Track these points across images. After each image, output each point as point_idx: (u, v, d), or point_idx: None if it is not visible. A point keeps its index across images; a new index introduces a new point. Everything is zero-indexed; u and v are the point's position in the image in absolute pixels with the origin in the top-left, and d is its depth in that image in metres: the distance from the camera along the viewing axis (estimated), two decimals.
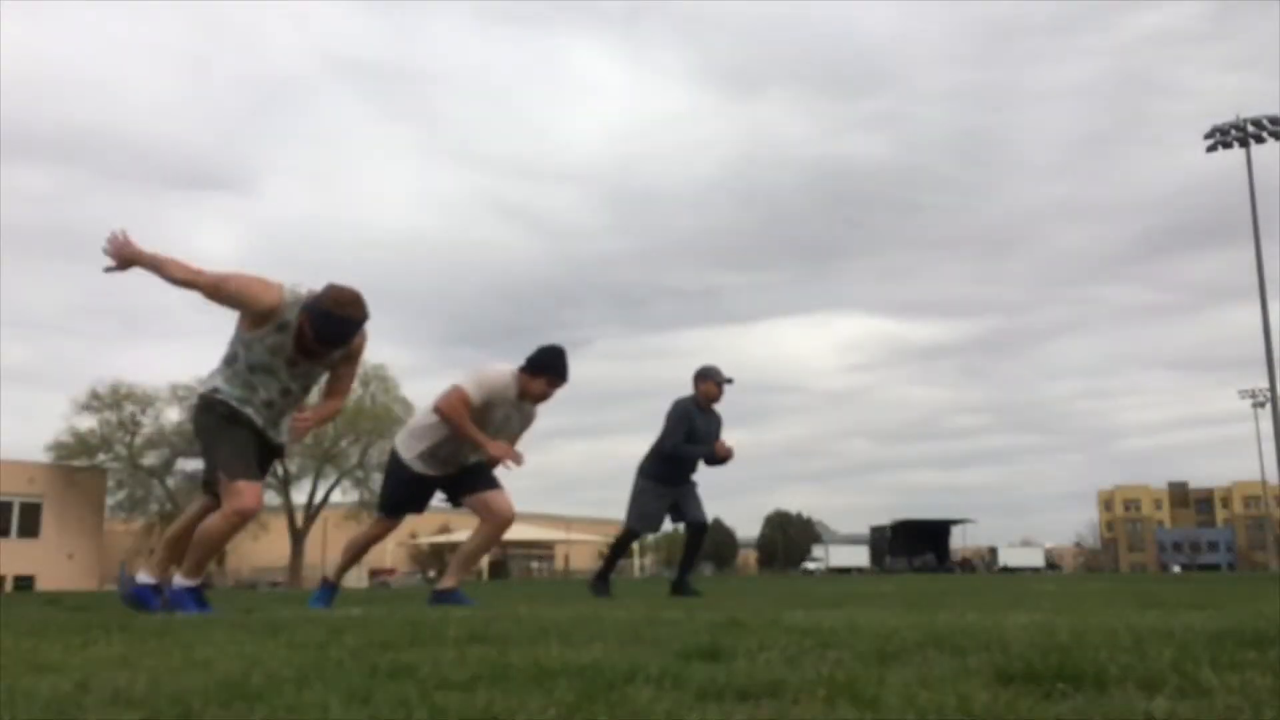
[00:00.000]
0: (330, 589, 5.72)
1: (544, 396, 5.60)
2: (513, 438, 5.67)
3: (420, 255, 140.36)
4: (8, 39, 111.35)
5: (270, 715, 1.26)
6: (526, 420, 5.74)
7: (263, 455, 4.55)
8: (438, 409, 5.39)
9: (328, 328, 4.32)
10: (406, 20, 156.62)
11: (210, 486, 4.53)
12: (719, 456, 7.23)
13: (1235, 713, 1.18)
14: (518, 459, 5.46)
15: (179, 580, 4.46)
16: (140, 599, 4.58)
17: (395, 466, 5.66)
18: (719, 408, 7.45)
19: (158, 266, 4.53)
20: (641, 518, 7.18)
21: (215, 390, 4.46)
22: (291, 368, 4.50)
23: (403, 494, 5.66)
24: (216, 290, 4.43)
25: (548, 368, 5.55)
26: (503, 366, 5.57)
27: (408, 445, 5.60)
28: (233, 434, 4.41)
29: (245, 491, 4.29)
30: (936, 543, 71.13)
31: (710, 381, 7.36)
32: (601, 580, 7.39)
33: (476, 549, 5.93)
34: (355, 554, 5.79)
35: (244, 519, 4.33)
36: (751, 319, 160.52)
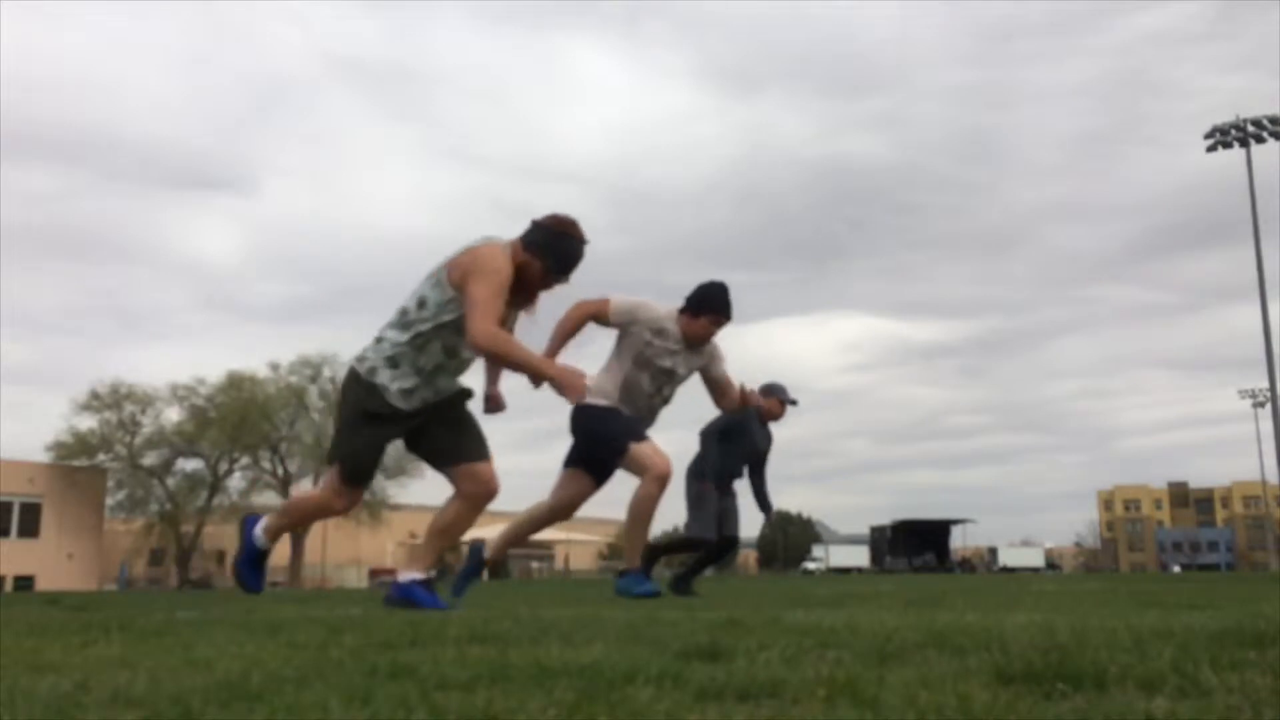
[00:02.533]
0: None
1: (707, 338, 5.26)
2: (689, 370, 5.36)
3: (420, 255, 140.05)
4: (8, 39, 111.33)
5: (270, 715, 1.25)
6: (691, 368, 5.41)
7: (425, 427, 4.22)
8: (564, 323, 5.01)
9: (575, 255, 4.19)
10: (406, 20, 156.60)
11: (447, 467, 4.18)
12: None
13: (1235, 713, 1.18)
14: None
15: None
16: (410, 597, 4.28)
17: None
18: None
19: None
20: (706, 526, 6.99)
21: (374, 372, 4.11)
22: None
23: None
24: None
25: (708, 305, 5.21)
26: (663, 303, 5.21)
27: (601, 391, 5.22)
28: (368, 434, 4.18)
29: (343, 493, 4.20)
30: (936, 543, 71.12)
31: (775, 399, 7.24)
32: (684, 581, 7.25)
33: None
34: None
35: (330, 514, 4.29)
36: (751, 319, 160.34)
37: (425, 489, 70.84)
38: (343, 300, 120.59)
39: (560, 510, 5.54)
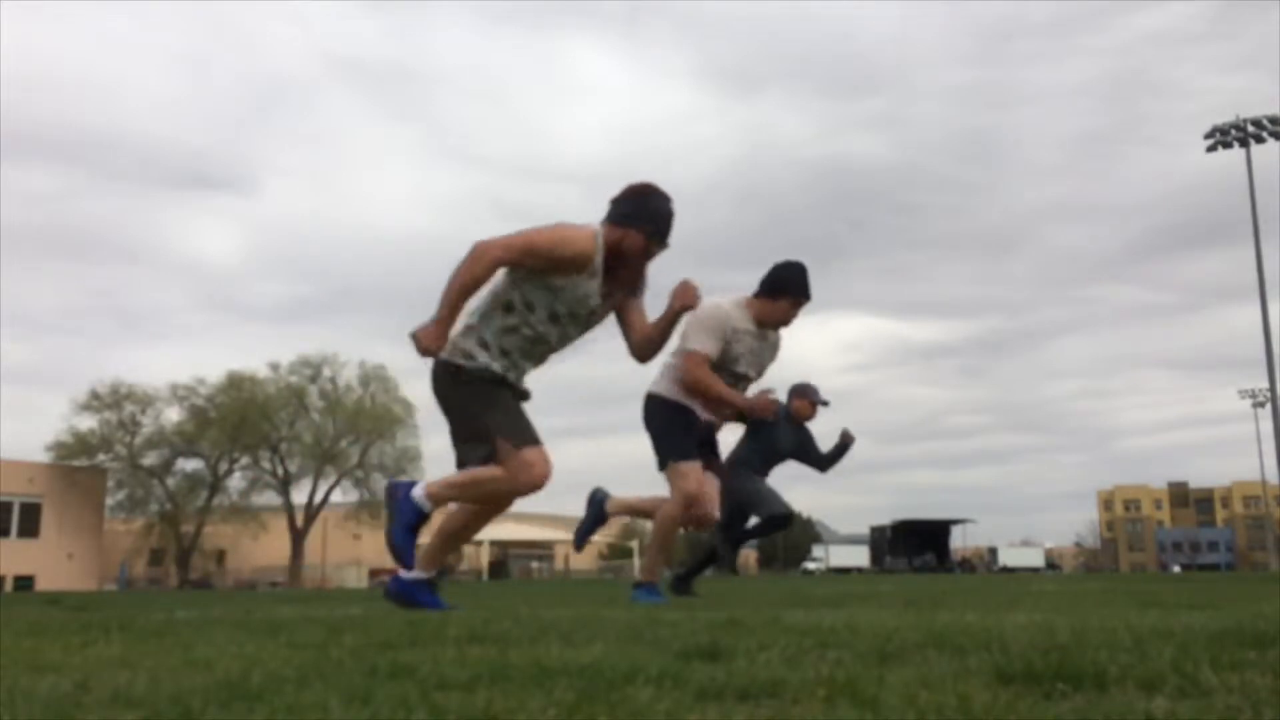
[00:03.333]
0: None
1: (787, 320, 5.08)
2: (761, 370, 5.22)
3: (420, 255, 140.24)
4: (8, 39, 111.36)
5: (270, 715, 1.25)
6: (774, 349, 5.24)
7: None
8: (686, 383, 4.90)
9: (668, 214, 3.93)
10: (406, 20, 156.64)
11: (480, 459, 3.92)
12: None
13: (1235, 713, 1.18)
14: (770, 409, 4.90)
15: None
16: (407, 595, 4.17)
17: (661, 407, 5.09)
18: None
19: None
20: (769, 502, 6.87)
21: (470, 357, 3.91)
22: (585, 318, 3.97)
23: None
24: (522, 262, 3.83)
25: (788, 287, 5.04)
26: (717, 299, 5.00)
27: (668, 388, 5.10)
28: (500, 397, 3.91)
29: (537, 460, 3.83)
30: (936, 543, 71.09)
31: (805, 400, 7.20)
32: (723, 562, 7.25)
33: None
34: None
35: (536, 490, 3.88)
36: None
37: None
38: (343, 300, 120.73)
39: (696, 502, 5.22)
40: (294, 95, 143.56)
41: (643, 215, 3.89)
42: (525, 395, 4.06)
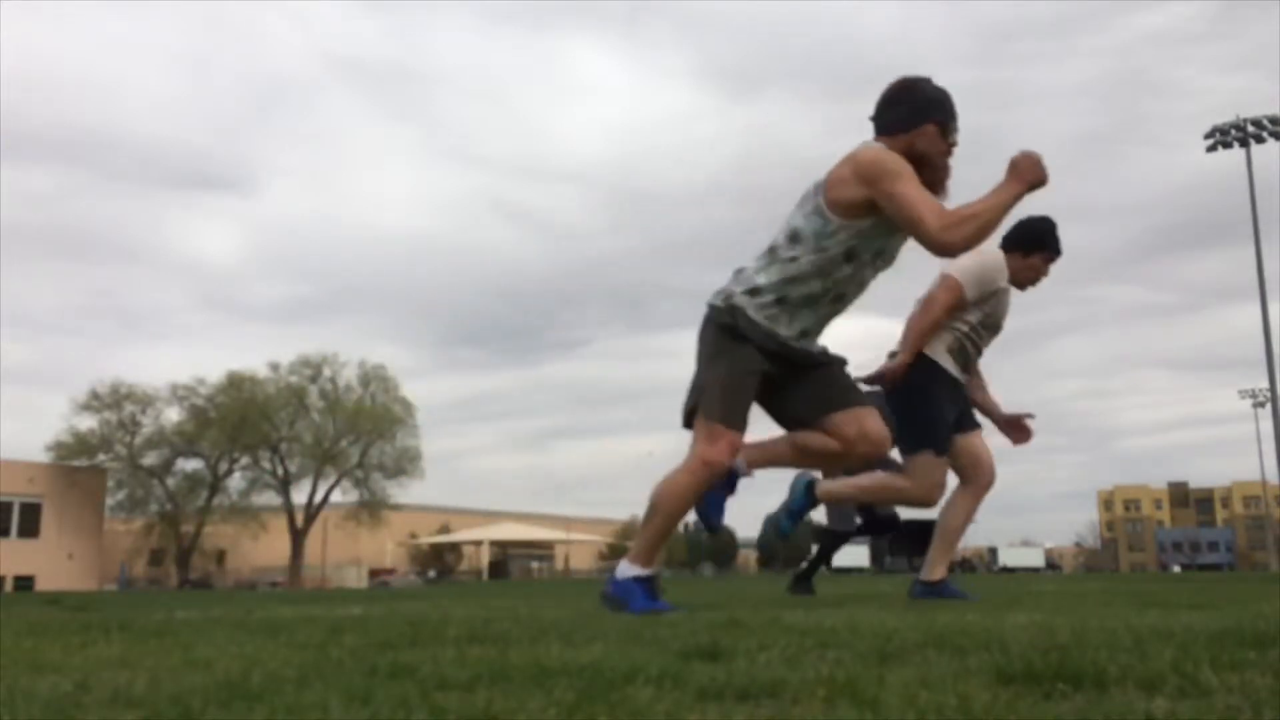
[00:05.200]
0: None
1: (1038, 278, 4.74)
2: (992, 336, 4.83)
3: (420, 255, 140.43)
4: (8, 39, 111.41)
5: (270, 715, 1.25)
6: (1006, 311, 4.84)
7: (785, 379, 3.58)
8: (932, 310, 4.41)
9: (949, 97, 3.55)
10: (406, 20, 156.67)
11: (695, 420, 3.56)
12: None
13: (1235, 713, 1.18)
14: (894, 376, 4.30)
15: (626, 568, 3.63)
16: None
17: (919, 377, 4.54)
18: None
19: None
20: (842, 517, 6.82)
21: (731, 297, 3.52)
22: (879, 255, 3.55)
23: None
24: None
25: (1045, 240, 4.69)
26: (989, 245, 4.55)
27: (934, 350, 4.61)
28: (739, 363, 3.50)
29: (721, 439, 3.45)
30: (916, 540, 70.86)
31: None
32: (804, 579, 7.08)
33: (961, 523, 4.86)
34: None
35: (711, 473, 3.48)
36: None
37: (425, 489, 70.88)
38: (343, 300, 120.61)
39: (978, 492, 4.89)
40: (294, 95, 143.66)
41: (926, 107, 3.50)
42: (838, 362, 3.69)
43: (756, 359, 3.50)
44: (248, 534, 49.80)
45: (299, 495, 48.89)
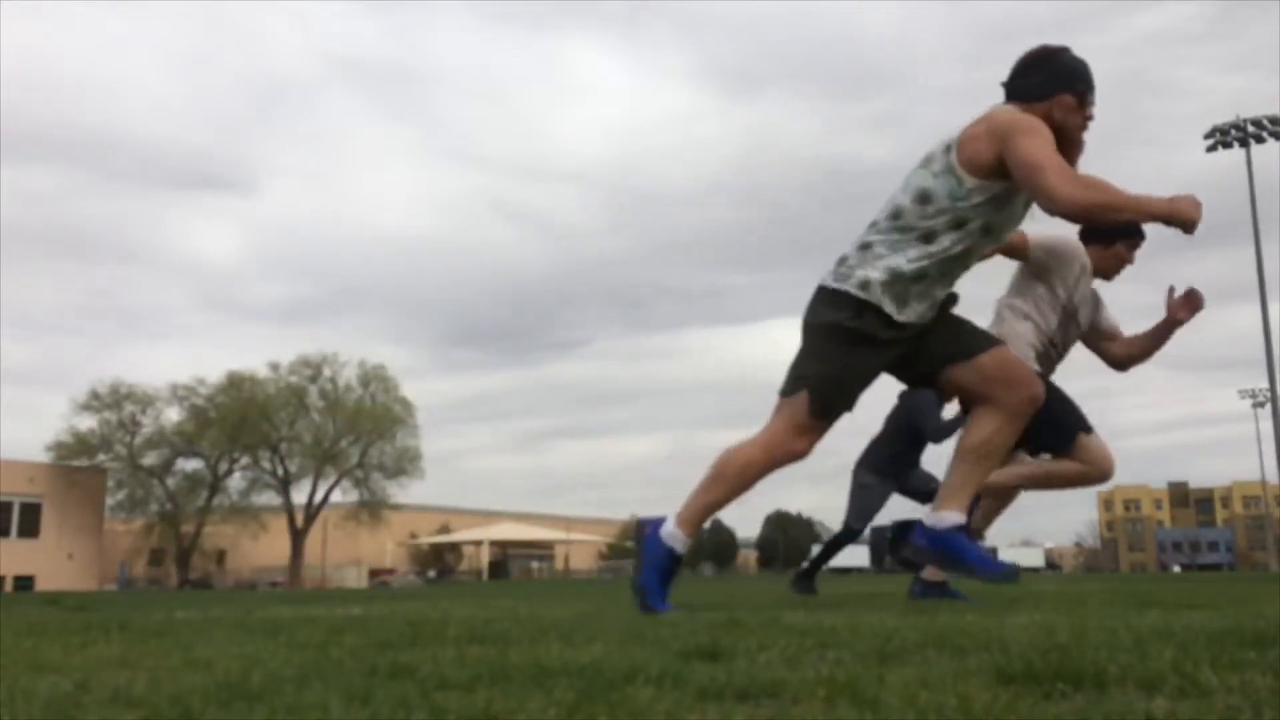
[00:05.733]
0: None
1: (1120, 268, 4.47)
2: (1076, 337, 4.51)
3: (420, 255, 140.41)
4: (8, 39, 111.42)
5: (270, 715, 1.25)
6: (1089, 317, 4.53)
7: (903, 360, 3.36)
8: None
9: (1087, 64, 3.36)
10: (406, 20, 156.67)
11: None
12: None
13: (1235, 713, 1.18)
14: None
15: (672, 528, 3.40)
16: (954, 551, 3.35)
17: None
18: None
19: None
20: (861, 514, 6.74)
21: (866, 286, 3.26)
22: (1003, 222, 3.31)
23: None
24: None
25: (1125, 227, 4.40)
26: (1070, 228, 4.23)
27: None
28: (856, 368, 3.30)
29: (810, 435, 3.29)
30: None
31: None
32: (807, 578, 7.02)
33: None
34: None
35: (789, 463, 3.33)
36: (752, 319, 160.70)
37: (425, 489, 70.89)
38: (343, 300, 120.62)
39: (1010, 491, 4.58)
40: (294, 95, 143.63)
41: (1065, 75, 3.32)
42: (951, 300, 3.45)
43: (877, 362, 3.32)
44: (248, 534, 49.81)
45: (299, 495, 48.94)
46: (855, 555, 76.72)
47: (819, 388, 3.27)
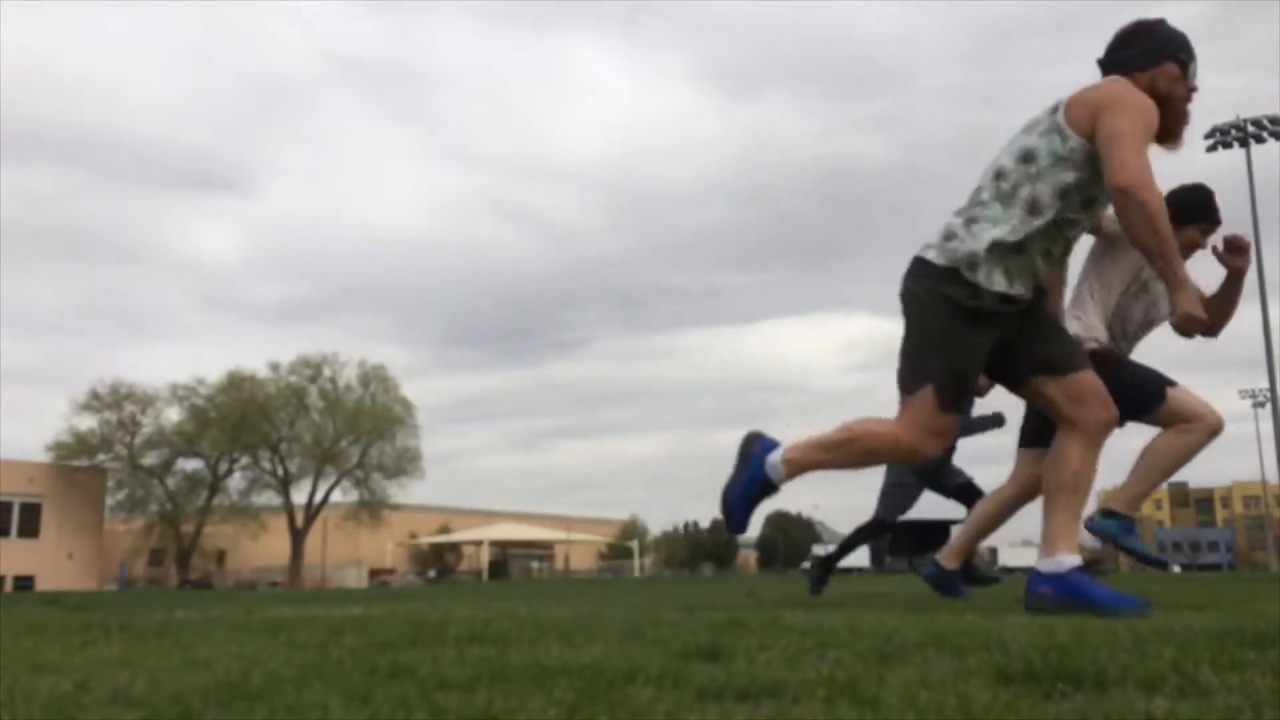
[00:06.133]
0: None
1: (1192, 250, 4.28)
2: (1154, 315, 4.32)
3: (420, 255, 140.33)
4: (8, 39, 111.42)
5: (270, 715, 1.25)
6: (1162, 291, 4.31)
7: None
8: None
9: (1185, 35, 3.28)
10: (407, 20, 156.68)
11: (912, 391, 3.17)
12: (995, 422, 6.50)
13: (1235, 713, 1.18)
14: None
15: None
16: (1084, 595, 3.15)
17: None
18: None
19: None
20: (893, 509, 6.72)
21: (973, 260, 3.10)
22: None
23: None
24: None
25: (1199, 210, 4.29)
26: None
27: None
28: (970, 341, 3.13)
29: (946, 432, 3.15)
30: (937, 543, 70.95)
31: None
32: (823, 573, 6.93)
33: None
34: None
35: (920, 459, 3.21)
36: (751, 319, 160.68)
37: (425, 489, 70.89)
38: (343, 300, 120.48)
39: (1028, 493, 4.46)
40: (294, 95, 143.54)
41: (1167, 45, 3.24)
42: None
43: (990, 339, 3.18)
44: (248, 534, 49.78)
45: (299, 495, 48.90)
46: (855, 555, 76.78)
47: (945, 383, 3.12)
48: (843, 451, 3.22)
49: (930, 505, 7.12)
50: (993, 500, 4.61)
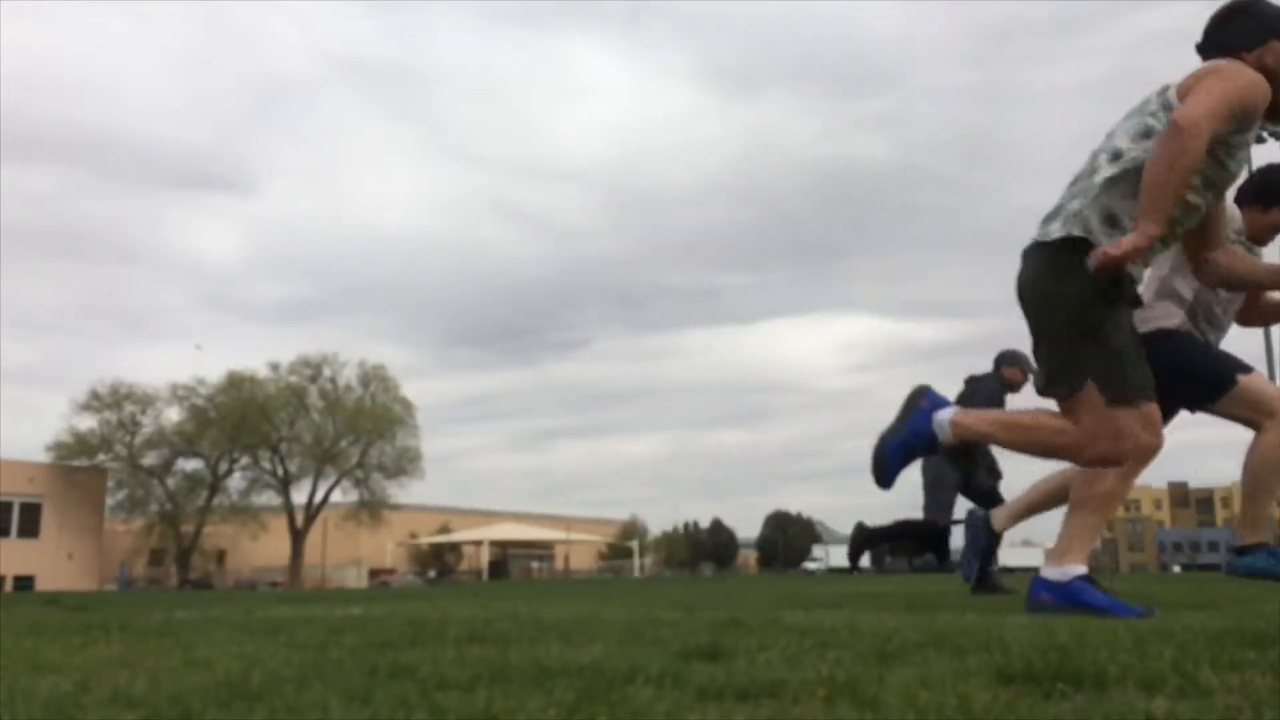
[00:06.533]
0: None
1: (1275, 234, 4.16)
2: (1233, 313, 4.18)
3: (420, 255, 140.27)
4: (8, 39, 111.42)
5: (270, 715, 1.25)
6: None
7: None
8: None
9: None
10: (407, 20, 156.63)
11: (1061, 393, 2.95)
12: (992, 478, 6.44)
13: (1235, 713, 1.18)
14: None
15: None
16: (1083, 601, 3.11)
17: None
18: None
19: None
20: (944, 508, 6.66)
21: (1094, 235, 2.94)
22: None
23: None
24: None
25: None
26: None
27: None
28: (1116, 322, 2.91)
29: (1131, 431, 2.88)
30: (937, 543, 70.93)
31: (1018, 368, 6.82)
32: (986, 576, 6.87)
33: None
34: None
35: (1153, 459, 2.98)
36: (751, 319, 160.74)
37: (425, 489, 70.88)
38: (343, 300, 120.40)
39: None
40: (294, 95, 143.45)
41: (1271, 23, 3.12)
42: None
43: (1130, 317, 3.00)
44: (248, 534, 49.78)
45: (299, 495, 48.90)
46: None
47: (1130, 374, 2.90)
48: (1022, 437, 3.02)
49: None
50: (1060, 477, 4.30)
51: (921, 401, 3.16)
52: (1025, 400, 6.43)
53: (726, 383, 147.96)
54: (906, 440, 3.14)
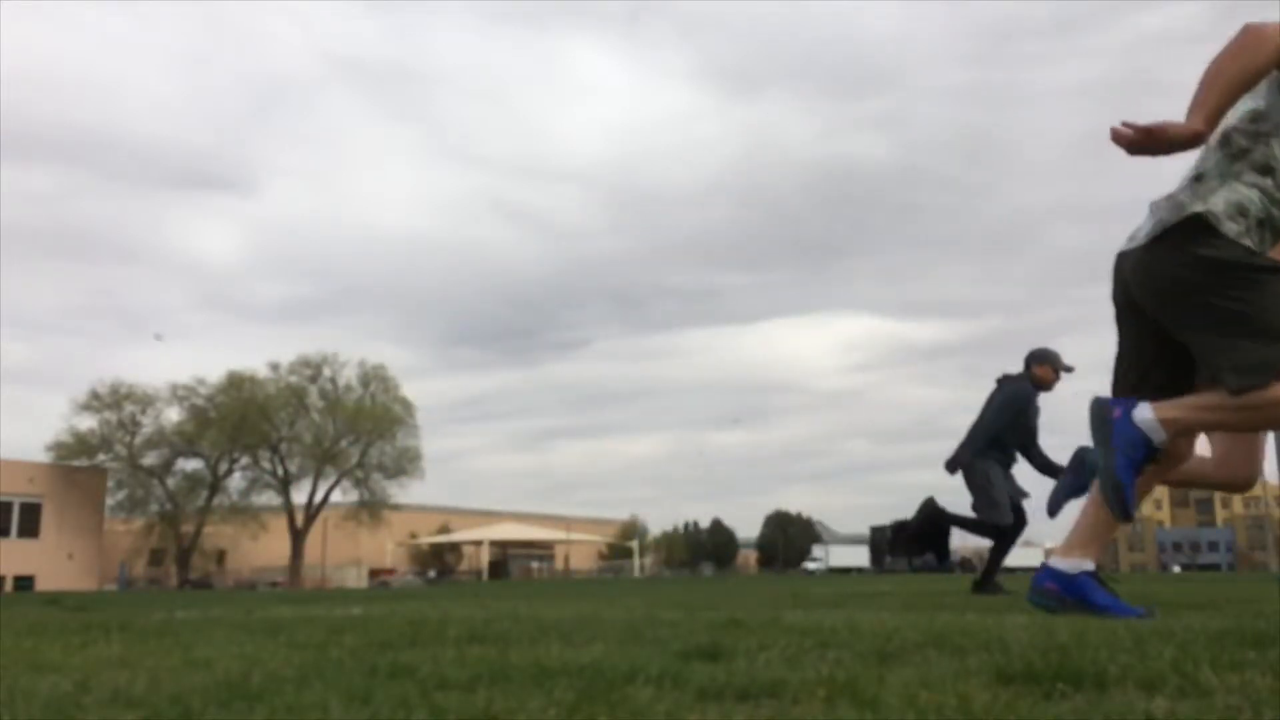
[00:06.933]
0: None
1: None
2: None
3: (420, 255, 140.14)
4: (8, 39, 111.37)
5: (270, 715, 1.25)
6: None
7: None
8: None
9: None
10: (407, 20, 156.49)
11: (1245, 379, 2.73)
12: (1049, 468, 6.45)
13: (1235, 713, 1.18)
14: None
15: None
16: (1085, 596, 3.07)
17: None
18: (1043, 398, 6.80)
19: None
20: (999, 509, 6.62)
21: (1220, 224, 2.82)
22: None
23: None
24: None
25: None
26: None
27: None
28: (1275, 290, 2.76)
29: None
30: (937, 544, 70.90)
31: (1048, 366, 6.78)
32: (988, 579, 6.81)
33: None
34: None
35: None
36: (751, 319, 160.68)
37: (425, 489, 70.86)
38: (343, 300, 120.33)
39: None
40: (294, 95, 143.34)
41: None
42: None
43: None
44: (248, 534, 49.79)
45: (299, 495, 48.91)
46: (855, 555, 76.75)
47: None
48: (1234, 415, 2.83)
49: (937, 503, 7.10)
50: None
51: (1113, 413, 2.97)
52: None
53: (726, 383, 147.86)
54: (1128, 457, 2.93)
